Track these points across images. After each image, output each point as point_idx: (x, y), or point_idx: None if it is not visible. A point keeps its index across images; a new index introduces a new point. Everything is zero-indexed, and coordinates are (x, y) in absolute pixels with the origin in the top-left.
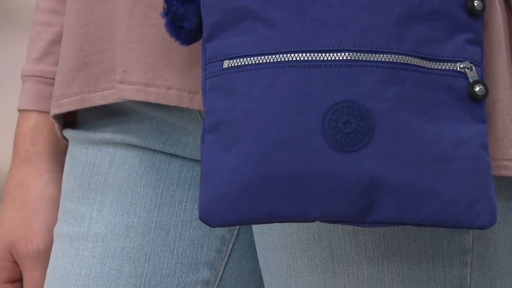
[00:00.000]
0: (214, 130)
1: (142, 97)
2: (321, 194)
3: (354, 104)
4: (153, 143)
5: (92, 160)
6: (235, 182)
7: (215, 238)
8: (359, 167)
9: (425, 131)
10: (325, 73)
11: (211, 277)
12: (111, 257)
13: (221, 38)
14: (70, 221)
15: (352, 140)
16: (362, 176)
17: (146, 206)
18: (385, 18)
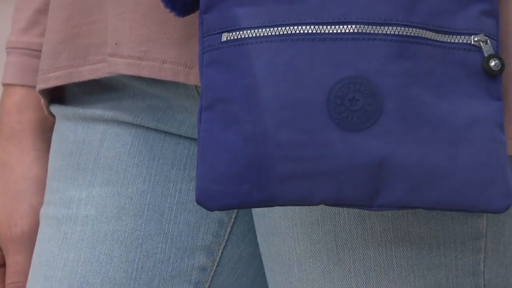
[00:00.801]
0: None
1: (134, 71)
2: (326, 176)
3: (361, 80)
4: (146, 120)
5: (81, 138)
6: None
7: (212, 221)
8: (367, 147)
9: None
10: (331, 47)
11: (207, 262)
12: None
13: (220, 9)
14: (57, 202)
15: (359, 118)
16: (370, 156)
17: (138, 187)
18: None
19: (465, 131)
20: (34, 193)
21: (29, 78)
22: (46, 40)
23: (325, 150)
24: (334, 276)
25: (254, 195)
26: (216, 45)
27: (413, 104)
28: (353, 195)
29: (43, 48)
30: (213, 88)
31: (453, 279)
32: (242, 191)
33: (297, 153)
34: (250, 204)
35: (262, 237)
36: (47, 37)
